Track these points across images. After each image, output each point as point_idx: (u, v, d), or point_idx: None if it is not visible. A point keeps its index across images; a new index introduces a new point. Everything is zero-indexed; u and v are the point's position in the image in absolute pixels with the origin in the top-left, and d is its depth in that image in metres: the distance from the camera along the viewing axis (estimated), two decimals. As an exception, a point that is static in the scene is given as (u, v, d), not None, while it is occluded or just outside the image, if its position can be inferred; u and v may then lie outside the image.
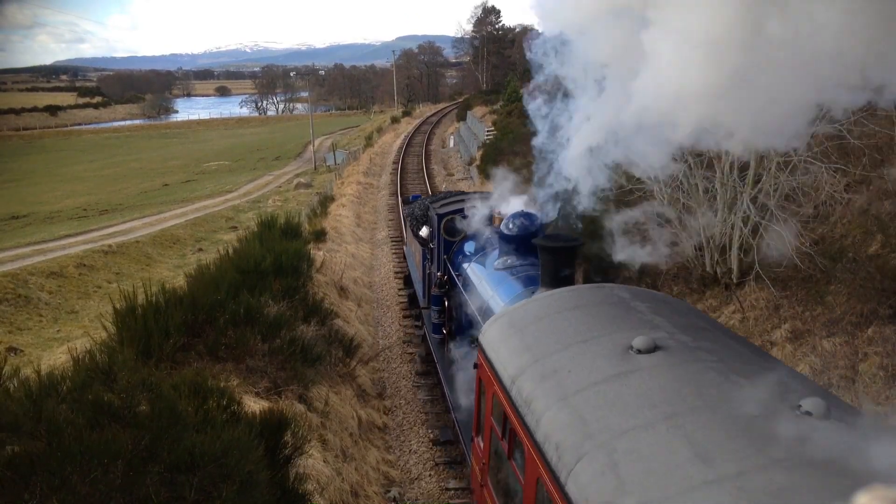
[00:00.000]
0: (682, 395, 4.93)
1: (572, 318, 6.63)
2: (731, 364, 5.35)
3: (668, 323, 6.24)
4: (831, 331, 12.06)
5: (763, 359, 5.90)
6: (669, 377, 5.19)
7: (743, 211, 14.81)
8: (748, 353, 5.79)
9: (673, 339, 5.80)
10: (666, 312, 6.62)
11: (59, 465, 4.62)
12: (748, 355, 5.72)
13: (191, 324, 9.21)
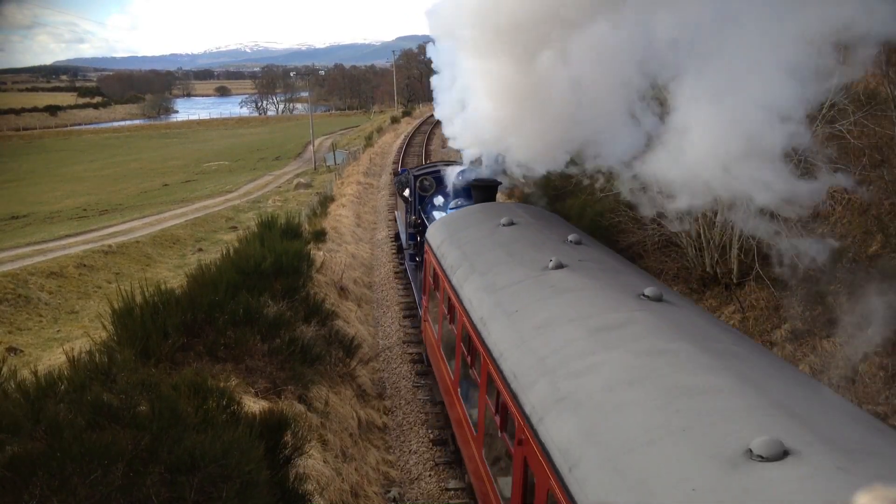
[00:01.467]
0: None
1: (477, 217, 11.44)
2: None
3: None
4: (831, 331, 12.05)
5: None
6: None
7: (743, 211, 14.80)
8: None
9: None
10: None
11: (59, 466, 4.62)
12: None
13: (190, 324, 9.21)
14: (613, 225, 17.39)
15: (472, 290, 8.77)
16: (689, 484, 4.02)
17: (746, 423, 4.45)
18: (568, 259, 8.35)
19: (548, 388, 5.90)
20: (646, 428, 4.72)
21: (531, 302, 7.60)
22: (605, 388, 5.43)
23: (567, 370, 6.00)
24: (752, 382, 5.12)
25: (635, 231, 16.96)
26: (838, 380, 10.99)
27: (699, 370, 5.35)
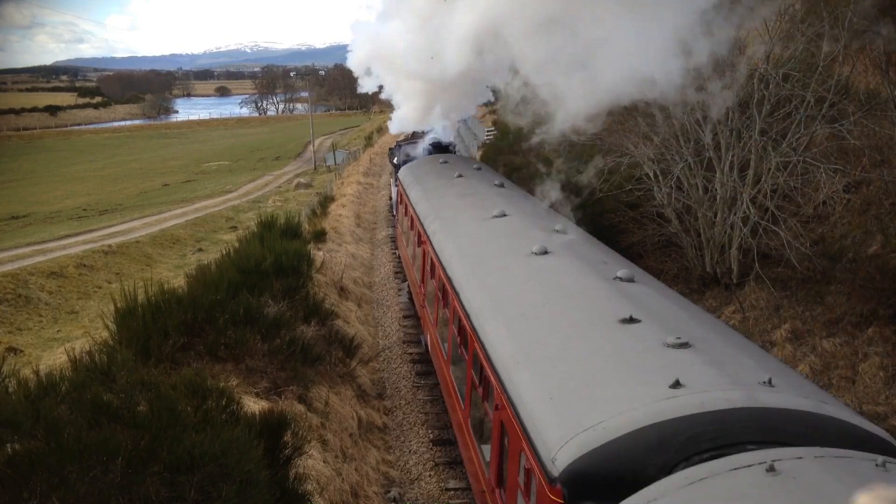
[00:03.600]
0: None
1: (430, 163, 18.36)
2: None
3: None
4: (831, 331, 12.05)
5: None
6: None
7: (742, 211, 14.81)
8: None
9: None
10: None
11: (59, 464, 4.62)
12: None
13: (190, 324, 9.21)
14: (613, 225, 17.39)
15: (419, 199, 14.90)
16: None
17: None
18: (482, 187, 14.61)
19: (465, 270, 9.73)
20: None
21: (452, 200, 13.62)
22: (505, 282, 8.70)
23: (466, 247, 10.54)
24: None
25: (635, 231, 16.97)
26: (838, 380, 10.99)
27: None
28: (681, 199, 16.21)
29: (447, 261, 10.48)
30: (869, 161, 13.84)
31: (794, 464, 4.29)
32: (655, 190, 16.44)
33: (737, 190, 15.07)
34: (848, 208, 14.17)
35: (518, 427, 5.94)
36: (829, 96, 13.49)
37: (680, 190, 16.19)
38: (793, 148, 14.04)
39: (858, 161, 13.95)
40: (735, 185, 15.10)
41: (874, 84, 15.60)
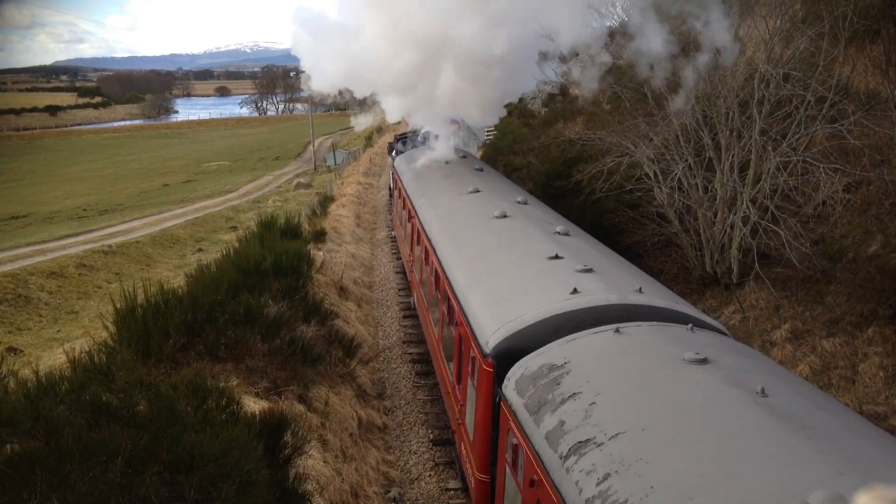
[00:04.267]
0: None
1: (428, 156, 19.47)
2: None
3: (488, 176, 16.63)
4: (831, 331, 12.04)
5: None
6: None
7: (742, 211, 14.80)
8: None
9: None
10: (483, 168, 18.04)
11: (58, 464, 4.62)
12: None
13: (190, 324, 9.20)
14: (613, 225, 17.39)
15: (410, 181, 17.68)
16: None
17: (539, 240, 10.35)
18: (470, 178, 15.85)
19: (441, 231, 12.25)
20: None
21: (437, 181, 16.14)
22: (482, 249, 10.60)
23: (444, 216, 13.03)
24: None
25: (635, 231, 16.96)
26: (838, 380, 10.98)
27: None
28: (681, 199, 16.20)
29: (429, 227, 13.08)
30: (869, 161, 13.84)
31: (633, 328, 6.90)
32: (655, 190, 16.43)
33: (737, 190, 15.07)
34: (848, 208, 14.16)
35: (468, 331, 8.36)
36: (830, 96, 13.49)
37: (680, 190, 16.19)
38: (793, 148, 14.04)
39: (858, 161, 13.95)
40: (735, 184, 15.09)
41: (874, 84, 15.60)
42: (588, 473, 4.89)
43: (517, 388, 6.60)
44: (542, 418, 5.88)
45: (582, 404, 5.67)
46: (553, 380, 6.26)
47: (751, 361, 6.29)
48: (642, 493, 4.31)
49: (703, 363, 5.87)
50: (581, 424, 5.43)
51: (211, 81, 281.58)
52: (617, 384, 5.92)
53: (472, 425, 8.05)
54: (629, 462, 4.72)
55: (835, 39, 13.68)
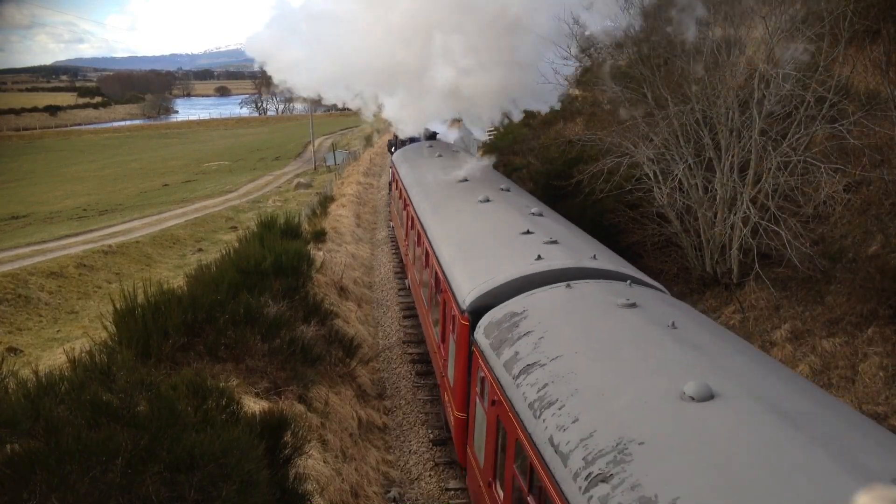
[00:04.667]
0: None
1: (423, 150, 21.88)
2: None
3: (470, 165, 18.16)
4: (831, 331, 12.04)
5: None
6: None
7: (743, 211, 14.80)
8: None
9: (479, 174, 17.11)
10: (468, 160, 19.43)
11: (58, 464, 4.62)
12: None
13: (190, 324, 9.20)
14: (614, 225, 17.38)
15: (406, 173, 18.99)
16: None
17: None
18: (463, 171, 16.91)
19: (432, 215, 13.67)
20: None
21: (431, 172, 17.20)
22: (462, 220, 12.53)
23: (435, 202, 14.37)
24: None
25: (635, 231, 16.96)
26: (838, 380, 10.98)
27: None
28: (681, 199, 16.20)
29: (421, 213, 14.58)
30: (869, 161, 13.83)
31: (582, 284, 8.35)
32: (655, 190, 16.43)
33: (737, 190, 15.07)
34: (848, 208, 14.16)
35: (451, 295, 9.84)
36: (830, 96, 13.48)
37: (680, 190, 16.18)
38: (793, 148, 14.04)
39: (858, 161, 13.94)
40: (735, 185, 15.09)
41: (874, 84, 15.60)
42: (532, 385, 6.38)
43: (485, 333, 8.13)
44: (502, 352, 7.39)
45: (533, 339, 7.16)
46: (513, 323, 7.76)
47: (673, 308, 7.77)
48: (568, 394, 5.93)
49: (631, 307, 7.34)
50: (530, 353, 6.94)
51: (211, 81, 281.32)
52: (562, 324, 7.41)
53: (453, 374, 9.59)
54: (562, 375, 6.26)
55: (835, 39, 13.68)
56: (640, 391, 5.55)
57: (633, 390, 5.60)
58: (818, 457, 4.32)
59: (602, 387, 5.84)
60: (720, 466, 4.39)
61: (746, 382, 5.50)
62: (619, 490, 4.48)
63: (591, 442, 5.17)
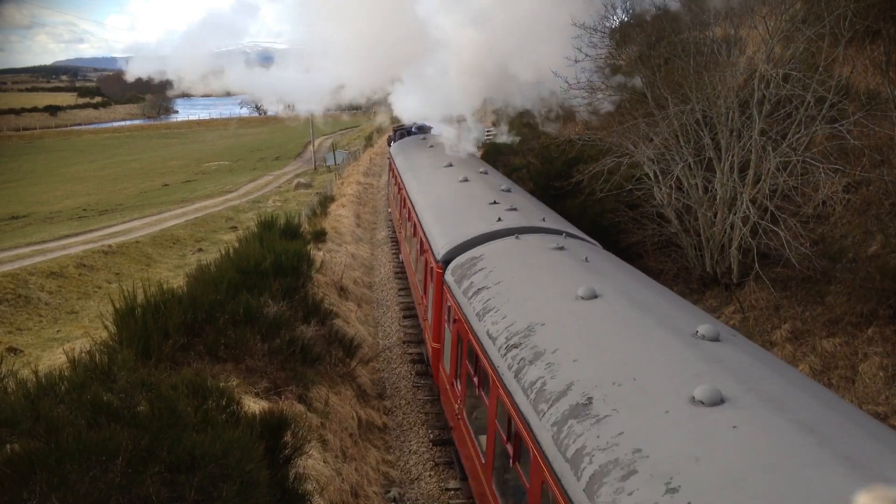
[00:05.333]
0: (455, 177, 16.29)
1: (416, 142, 24.80)
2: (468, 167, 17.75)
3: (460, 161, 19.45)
4: (831, 331, 12.04)
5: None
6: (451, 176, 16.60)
7: (742, 211, 14.80)
8: (477, 163, 19.00)
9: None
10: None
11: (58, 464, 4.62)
12: (477, 164, 18.86)
13: (190, 324, 9.20)
14: (614, 225, 17.39)
15: (401, 162, 21.11)
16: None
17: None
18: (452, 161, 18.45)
19: (419, 194, 15.79)
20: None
21: (422, 160, 19.55)
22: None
23: (423, 183, 16.74)
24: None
25: (635, 231, 16.96)
26: (838, 380, 10.98)
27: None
28: (681, 199, 16.20)
29: (411, 192, 17.02)
30: (869, 161, 13.83)
31: (528, 236, 10.62)
32: (655, 190, 16.43)
33: (737, 190, 15.07)
34: (848, 208, 14.16)
35: (430, 252, 12.25)
36: (830, 96, 13.48)
37: (680, 190, 16.18)
38: (793, 148, 14.04)
39: (858, 161, 13.94)
40: (735, 185, 15.09)
41: (874, 84, 15.60)
42: (479, 301, 8.88)
43: (452, 273, 10.55)
44: (462, 284, 9.82)
45: (485, 273, 9.61)
46: (472, 264, 10.22)
47: (593, 252, 9.97)
48: (502, 303, 8.42)
49: (560, 249, 9.81)
50: (482, 282, 9.35)
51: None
52: (507, 262, 9.82)
53: (431, 314, 12.15)
54: (500, 292, 8.77)
55: (835, 40, 13.68)
56: (547, 296, 8.07)
57: (543, 296, 8.14)
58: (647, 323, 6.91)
59: (524, 296, 8.34)
60: (591, 334, 6.88)
61: (621, 287, 8.08)
62: (524, 350, 7.04)
63: (512, 328, 7.65)
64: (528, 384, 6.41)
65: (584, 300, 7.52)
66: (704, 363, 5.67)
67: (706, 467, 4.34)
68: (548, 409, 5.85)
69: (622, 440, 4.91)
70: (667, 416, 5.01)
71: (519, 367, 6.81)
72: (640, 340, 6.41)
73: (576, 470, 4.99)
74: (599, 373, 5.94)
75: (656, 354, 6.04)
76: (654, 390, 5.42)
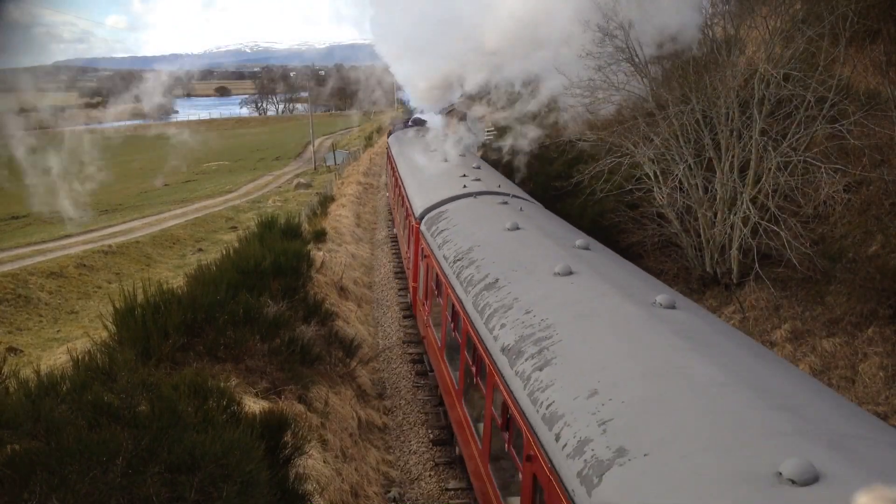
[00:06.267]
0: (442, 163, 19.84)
1: (410, 133, 28.17)
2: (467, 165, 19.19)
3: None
4: (831, 331, 12.04)
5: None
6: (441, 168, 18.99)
7: (743, 211, 14.80)
8: (477, 160, 21.13)
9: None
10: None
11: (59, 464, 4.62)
12: (475, 160, 20.77)
13: (190, 324, 9.19)
14: (614, 225, 17.38)
15: (397, 151, 24.06)
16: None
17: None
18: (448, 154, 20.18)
19: (409, 174, 19.16)
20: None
21: (415, 148, 21.81)
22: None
23: (412, 166, 19.83)
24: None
25: (635, 231, 16.96)
26: (838, 380, 10.98)
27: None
28: (681, 199, 16.20)
29: (402, 172, 20.17)
30: (869, 161, 13.83)
31: (484, 197, 13.86)
32: (656, 190, 16.43)
33: (737, 190, 15.07)
34: (848, 208, 14.16)
35: (412, 215, 15.22)
36: (830, 96, 13.48)
37: (680, 190, 16.18)
38: (793, 148, 14.04)
39: (858, 161, 13.94)
40: (735, 185, 15.09)
41: (874, 84, 15.60)
42: (442, 239, 11.82)
43: (425, 224, 13.63)
44: (431, 230, 12.89)
45: (447, 221, 12.63)
46: (439, 216, 13.27)
47: (528, 204, 13.54)
48: (455, 237, 11.35)
49: (504, 204, 12.87)
50: (444, 226, 12.39)
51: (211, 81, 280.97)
52: (464, 213, 12.88)
53: (411, 261, 15.48)
54: (456, 231, 11.69)
55: (835, 39, 13.68)
56: (487, 228, 11.19)
57: (484, 229, 11.24)
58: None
59: (470, 231, 11.38)
60: (509, 250, 9.78)
61: (542, 225, 11.32)
62: (464, 261, 10.04)
63: (458, 250, 10.73)
64: (464, 279, 9.58)
65: (509, 231, 10.58)
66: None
67: (557, 303, 7.42)
68: (472, 289, 9.05)
69: (513, 301, 7.99)
70: (534, 279, 8.37)
71: (459, 271, 9.95)
72: (541, 248, 9.70)
73: (485, 320, 8.04)
74: (507, 266, 9.09)
75: (545, 253, 9.39)
76: (536, 264, 8.85)
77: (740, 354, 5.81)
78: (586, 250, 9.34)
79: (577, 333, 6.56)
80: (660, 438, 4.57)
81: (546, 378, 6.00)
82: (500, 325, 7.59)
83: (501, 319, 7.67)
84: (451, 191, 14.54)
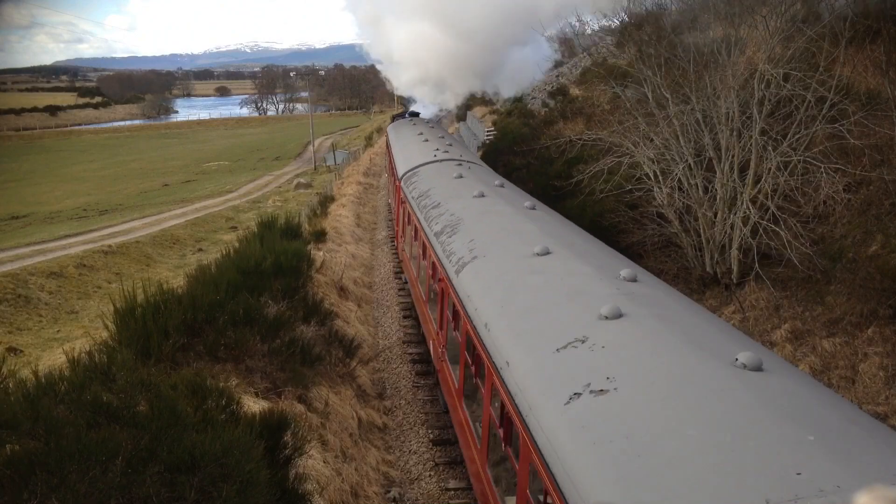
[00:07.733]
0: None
1: (405, 122, 32.43)
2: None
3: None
4: (831, 331, 12.03)
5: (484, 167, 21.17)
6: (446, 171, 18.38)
7: (743, 211, 14.80)
8: (455, 143, 25.40)
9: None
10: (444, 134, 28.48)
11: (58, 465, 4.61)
12: (455, 143, 24.92)
13: (190, 324, 9.18)
14: (613, 225, 17.38)
15: (394, 140, 26.19)
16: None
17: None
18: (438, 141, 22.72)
19: (402, 161, 20.78)
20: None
21: (410, 138, 24.40)
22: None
23: (406, 153, 22.00)
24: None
25: (635, 231, 16.95)
26: (838, 380, 10.97)
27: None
28: (681, 199, 16.20)
29: (394, 152, 23.48)
30: (869, 161, 13.83)
31: (448, 163, 17.59)
32: (655, 190, 16.43)
33: (737, 190, 15.07)
34: (848, 208, 14.16)
35: (396, 177, 20.63)
36: (830, 96, 13.48)
37: (680, 190, 16.18)
38: (793, 148, 14.04)
39: (858, 161, 13.94)
40: (735, 185, 15.09)
41: (874, 84, 15.60)
42: (415, 191, 15.43)
43: (405, 182, 16.89)
44: (408, 185, 16.42)
45: (420, 178, 16.20)
46: (415, 174, 16.76)
47: (481, 167, 17.84)
48: (423, 186, 15.39)
49: (458, 165, 16.48)
50: (417, 185, 15.70)
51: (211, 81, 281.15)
52: (432, 173, 16.28)
53: (395, 212, 19.74)
54: (426, 184, 15.41)
55: (835, 39, 13.67)
56: (442, 182, 14.79)
57: (440, 182, 14.78)
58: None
59: (434, 185, 14.75)
60: (459, 194, 13.03)
61: (477, 175, 15.59)
62: (430, 203, 13.39)
63: (422, 192, 14.63)
64: (430, 218, 12.48)
65: (455, 179, 14.71)
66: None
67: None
68: (437, 229, 11.58)
69: (451, 217, 11.50)
70: (463, 202, 12.41)
71: (427, 213, 12.91)
72: (469, 185, 13.72)
73: (450, 259, 9.94)
74: (447, 196, 13.06)
75: (472, 186, 13.61)
76: (464, 192, 13.14)
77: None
78: (501, 188, 13.82)
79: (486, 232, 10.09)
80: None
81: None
82: (448, 240, 10.76)
83: (448, 233, 11.01)
84: (424, 159, 18.66)
